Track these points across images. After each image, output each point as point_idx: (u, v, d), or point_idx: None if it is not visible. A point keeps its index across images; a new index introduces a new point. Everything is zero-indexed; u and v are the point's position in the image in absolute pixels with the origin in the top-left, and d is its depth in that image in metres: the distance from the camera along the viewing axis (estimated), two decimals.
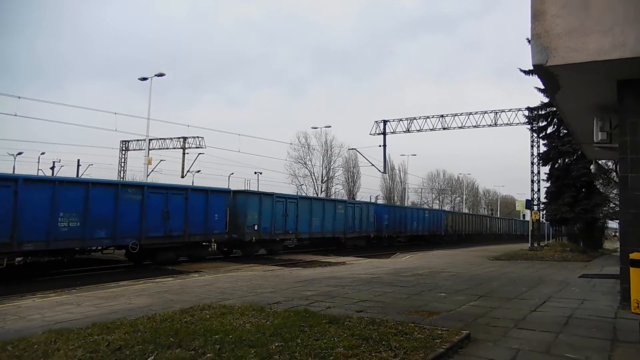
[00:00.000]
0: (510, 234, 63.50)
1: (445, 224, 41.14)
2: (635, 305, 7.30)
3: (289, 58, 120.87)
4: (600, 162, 25.44)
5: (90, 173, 45.92)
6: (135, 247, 15.79)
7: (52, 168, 48.21)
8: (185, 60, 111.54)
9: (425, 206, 75.14)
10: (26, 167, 52.92)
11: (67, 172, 47.08)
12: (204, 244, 19.24)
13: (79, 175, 43.42)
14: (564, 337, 5.87)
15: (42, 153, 50.15)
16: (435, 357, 4.70)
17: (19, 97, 26.63)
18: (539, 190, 28.98)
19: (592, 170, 24.34)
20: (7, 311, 7.71)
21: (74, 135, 71.61)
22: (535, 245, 27.68)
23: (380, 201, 62.10)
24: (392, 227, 33.18)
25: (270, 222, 21.93)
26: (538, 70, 7.75)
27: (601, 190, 29.25)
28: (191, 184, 31.32)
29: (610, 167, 27.38)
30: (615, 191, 28.89)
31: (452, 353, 5.01)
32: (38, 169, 48.66)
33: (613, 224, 53.34)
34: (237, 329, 5.59)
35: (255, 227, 20.92)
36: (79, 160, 45.70)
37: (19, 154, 49.45)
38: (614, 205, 30.34)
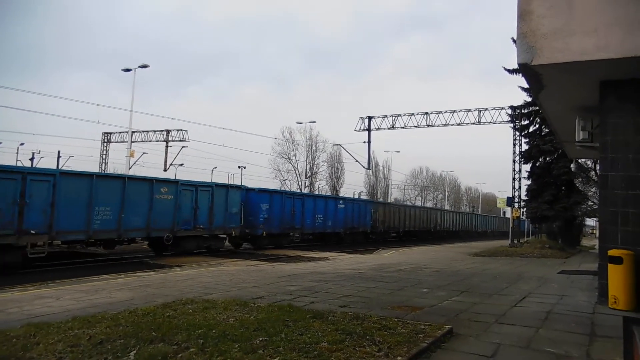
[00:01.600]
0: (470, 230, 55.54)
1: (372, 219, 32.86)
2: (613, 301, 7.48)
3: (276, 54, 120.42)
4: (580, 161, 25.97)
5: (70, 165, 45.13)
6: None
7: (32, 159, 47.30)
8: (170, 53, 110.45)
9: (408, 202, 75.31)
10: (5, 158, 51.80)
11: (47, 163, 46.21)
12: None
13: (59, 167, 42.59)
14: (544, 332, 5.97)
15: (22, 144, 49.33)
16: (419, 352, 4.74)
17: None
18: (520, 188, 29.45)
19: (573, 169, 24.87)
20: None
21: (55, 126, 70.44)
22: (515, 242, 28.13)
23: (363, 197, 62.12)
24: (277, 222, 23.79)
25: None
26: (523, 69, 7.84)
27: (580, 188, 29.82)
28: (174, 178, 30.55)
29: (590, 166, 27.98)
30: (593, 189, 29.53)
31: (435, 347, 5.06)
32: (17, 160, 47.71)
33: (590, 222, 54.58)
34: (220, 323, 5.56)
35: None
36: (59, 152, 44.83)
37: None
38: (592, 203, 30.99)
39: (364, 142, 34.54)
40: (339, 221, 29.05)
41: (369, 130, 34.10)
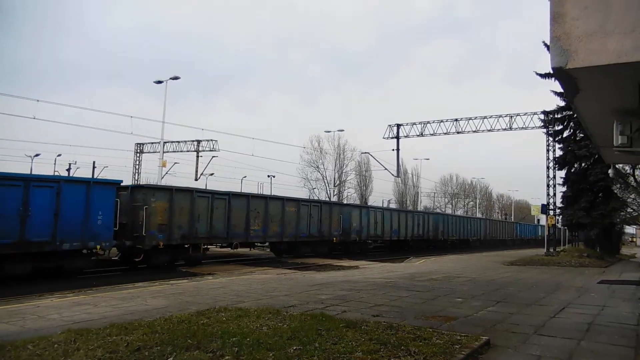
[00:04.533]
0: (443, 239, 35.96)
1: (155, 223, 15.94)
2: None
3: (302, 63, 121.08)
4: (617, 166, 25.09)
5: (105, 175, 46.37)
6: None
7: (68, 170, 48.83)
8: (199, 66, 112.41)
9: (438, 210, 73.77)
10: (43, 169, 53.74)
11: (82, 173, 47.57)
12: None
13: (94, 176, 43.86)
14: (586, 344, 5.76)
15: (59, 155, 50.88)
16: None
17: (38, 101, 27.06)
18: (554, 194, 28.62)
19: (610, 175, 24.01)
20: (26, 310, 7.79)
21: (90, 137, 72.37)
22: (551, 250, 27.34)
23: (392, 205, 61.41)
24: None
25: None
26: (557, 73, 7.61)
27: (619, 195, 28.80)
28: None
29: (628, 171, 26.99)
30: (633, 196, 28.42)
31: (472, 359, 4.94)
32: (54, 171, 49.32)
33: (630, 229, 52.59)
34: (254, 331, 5.58)
35: None
36: (94, 162, 46.25)
37: (36, 155, 50.23)
38: (631, 210, 29.85)
39: (393, 149, 34.25)
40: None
41: (397, 137, 33.83)
